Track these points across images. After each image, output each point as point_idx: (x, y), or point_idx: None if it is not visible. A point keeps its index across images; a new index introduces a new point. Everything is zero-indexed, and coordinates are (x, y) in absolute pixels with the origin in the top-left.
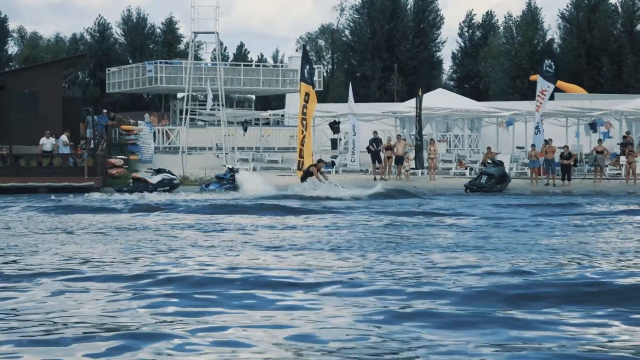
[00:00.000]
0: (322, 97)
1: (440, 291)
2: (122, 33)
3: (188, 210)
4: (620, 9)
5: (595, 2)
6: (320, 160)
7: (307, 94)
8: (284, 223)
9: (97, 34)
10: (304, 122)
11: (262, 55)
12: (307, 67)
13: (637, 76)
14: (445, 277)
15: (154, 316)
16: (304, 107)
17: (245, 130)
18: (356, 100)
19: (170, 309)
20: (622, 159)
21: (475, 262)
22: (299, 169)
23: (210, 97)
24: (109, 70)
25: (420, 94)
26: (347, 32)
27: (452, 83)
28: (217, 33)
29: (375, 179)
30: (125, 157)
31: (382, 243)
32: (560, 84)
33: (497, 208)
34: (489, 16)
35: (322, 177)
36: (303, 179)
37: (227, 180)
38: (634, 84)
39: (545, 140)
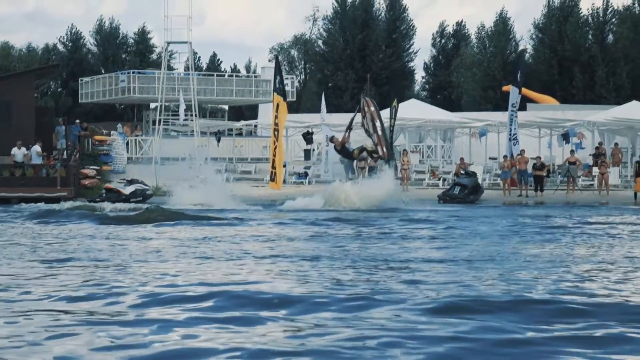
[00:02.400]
0: (295, 108)
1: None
2: (95, 43)
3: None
4: (590, 20)
5: (566, 13)
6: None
7: (278, 105)
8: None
9: (70, 44)
10: (276, 133)
11: (235, 66)
12: (278, 77)
13: (609, 87)
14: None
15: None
16: (276, 117)
17: (218, 140)
18: (329, 111)
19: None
20: (595, 169)
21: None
22: (272, 179)
23: (182, 107)
24: (81, 80)
25: (395, 104)
26: (320, 42)
27: (424, 93)
28: (190, 43)
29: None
30: (98, 168)
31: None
32: (533, 94)
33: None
34: (459, 26)
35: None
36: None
37: None
38: (605, 94)
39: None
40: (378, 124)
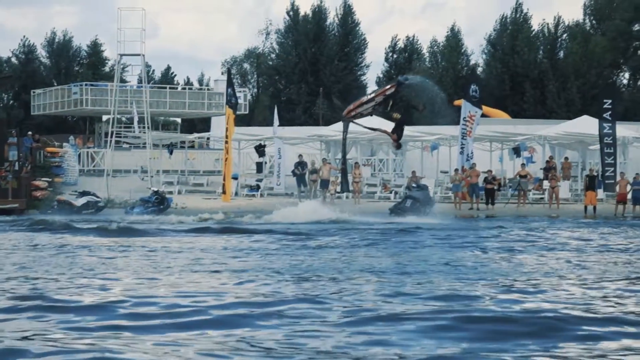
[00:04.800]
0: (247, 121)
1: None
2: (47, 55)
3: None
4: (541, 35)
5: (518, 28)
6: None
7: (228, 117)
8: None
9: (22, 56)
10: (227, 145)
11: (188, 79)
12: (229, 90)
13: (560, 102)
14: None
15: None
16: (226, 129)
17: (170, 153)
18: (281, 124)
19: None
20: (545, 183)
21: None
22: (224, 192)
23: (136, 119)
24: (33, 92)
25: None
26: (272, 55)
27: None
28: (143, 55)
29: (300, 202)
30: (50, 180)
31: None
32: (485, 109)
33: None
34: (410, 41)
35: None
36: None
37: (152, 204)
38: (556, 109)
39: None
40: (372, 95)
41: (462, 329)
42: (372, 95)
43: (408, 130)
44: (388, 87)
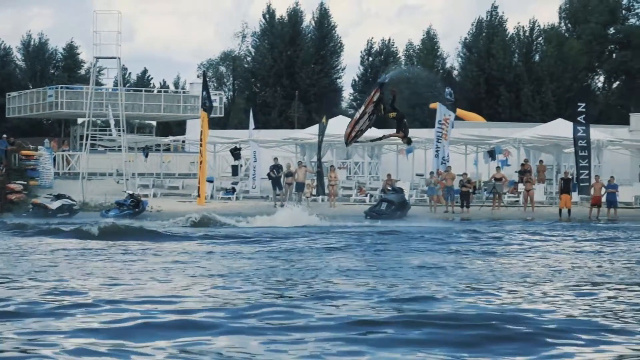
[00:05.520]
0: (223, 124)
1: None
2: (23, 58)
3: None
4: (517, 39)
5: (493, 32)
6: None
7: (203, 121)
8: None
9: None
10: (202, 149)
11: (164, 82)
12: (204, 93)
13: (535, 105)
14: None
15: None
16: (201, 133)
17: (146, 156)
18: (257, 127)
19: None
20: (520, 186)
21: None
22: (199, 195)
23: (112, 122)
24: (8, 95)
25: (324, 121)
26: (248, 58)
27: (352, 111)
28: (119, 58)
29: (275, 205)
30: (25, 183)
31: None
32: (460, 112)
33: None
34: (385, 44)
35: None
36: None
37: (128, 207)
38: (531, 112)
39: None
40: (362, 108)
41: (436, 334)
42: (362, 109)
43: (384, 133)
44: (372, 94)
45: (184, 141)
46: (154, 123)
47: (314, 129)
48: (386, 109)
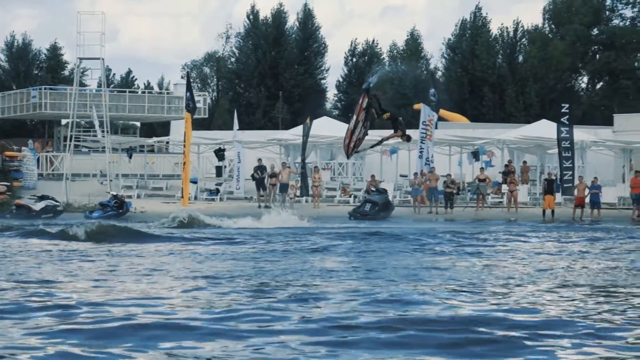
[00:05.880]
0: (207, 125)
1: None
2: (6, 58)
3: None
4: (500, 40)
5: (477, 32)
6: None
7: (186, 122)
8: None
9: None
10: (185, 150)
11: (148, 83)
12: (188, 94)
13: (519, 106)
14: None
15: None
16: (185, 134)
17: (130, 157)
18: (241, 128)
19: None
20: (504, 187)
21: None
22: (183, 196)
23: (97, 123)
24: None
25: (308, 122)
26: (232, 59)
27: (336, 112)
28: (103, 59)
29: (259, 206)
30: (9, 184)
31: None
32: (444, 112)
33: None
34: (368, 46)
35: None
36: None
37: (111, 208)
38: (515, 113)
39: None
40: (354, 118)
41: (418, 337)
42: (355, 118)
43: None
44: (360, 101)
45: (168, 142)
46: (137, 124)
47: (298, 129)
48: (378, 113)
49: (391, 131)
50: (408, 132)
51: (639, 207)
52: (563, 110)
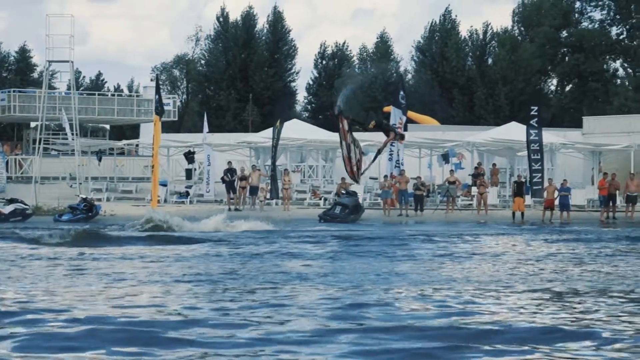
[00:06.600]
0: (177, 127)
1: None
2: None
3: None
4: (470, 42)
5: (447, 35)
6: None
7: (155, 125)
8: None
9: None
10: (154, 152)
11: (118, 85)
12: (157, 97)
13: (488, 108)
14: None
15: None
16: (153, 137)
17: (99, 160)
18: (211, 130)
19: None
20: (474, 189)
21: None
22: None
23: (67, 126)
24: None
25: (278, 124)
26: (202, 62)
27: (306, 114)
28: (72, 62)
29: (230, 209)
30: None
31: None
32: (414, 115)
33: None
34: (339, 48)
35: None
36: None
37: (81, 211)
38: (485, 115)
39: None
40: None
41: (386, 341)
42: (344, 144)
43: (338, 137)
44: (341, 127)
45: (137, 145)
46: (107, 127)
47: (268, 132)
48: (363, 127)
49: (384, 137)
50: (378, 134)
51: (607, 209)
52: (532, 112)
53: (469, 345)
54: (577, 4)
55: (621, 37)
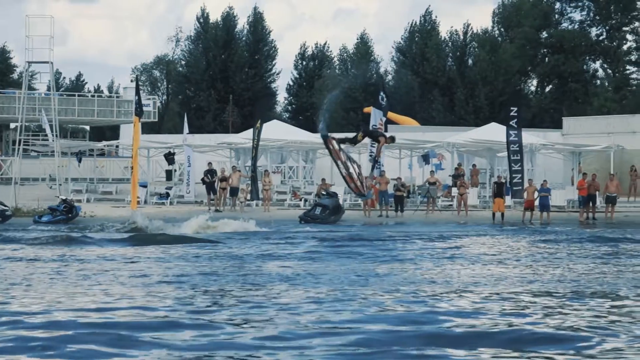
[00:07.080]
0: (157, 128)
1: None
2: None
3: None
4: (450, 43)
5: (427, 35)
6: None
7: (134, 126)
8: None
9: None
10: (133, 154)
11: (98, 86)
12: (136, 98)
13: (468, 109)
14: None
15: None
16: (133, 138)
17: (79, 161)
18: (191, 131)
19: None
20: (454, 190)
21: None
22: (132, 201)
23: (48, 127)
24: None
25: (258, 125)
26: (182, 62)
27: (286, 115)
28: (52, 63)
29: (210, 210)
30: None
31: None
32: (394, 116)
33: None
34: (319, 49)
35: None
36: None
37: (60, 212)
38: (465, 116)
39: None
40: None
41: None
42: (339, 163)
43: (318, 137)
44: (331, 147)
45: (117, 146)
46: (87, 128)
47: (248, 133)
48: (353, 142)
49: (376, 144)
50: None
51: (586, 209)
52: (512, 113)
53: (448, 350)
54: (557, 5)
55: (601, 37)
